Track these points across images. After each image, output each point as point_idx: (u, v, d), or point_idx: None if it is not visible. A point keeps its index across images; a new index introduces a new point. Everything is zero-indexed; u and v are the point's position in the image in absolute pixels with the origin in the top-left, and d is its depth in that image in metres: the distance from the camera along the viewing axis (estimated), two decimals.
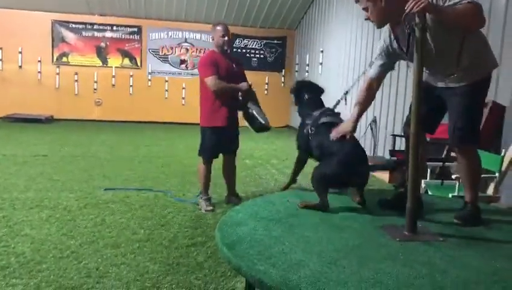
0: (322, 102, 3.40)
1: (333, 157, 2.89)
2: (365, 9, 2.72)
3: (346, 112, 3.28)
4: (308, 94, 3.37)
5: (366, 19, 2.77)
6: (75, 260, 3.30)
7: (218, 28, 4.57)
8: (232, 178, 4.99)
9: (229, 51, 4.77)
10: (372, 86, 2.95)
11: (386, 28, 2.83)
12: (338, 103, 3.17)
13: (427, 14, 2.43)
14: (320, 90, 3.47)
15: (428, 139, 3.19)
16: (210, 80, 4.45)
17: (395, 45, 2.78)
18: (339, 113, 3.20)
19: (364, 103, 2.99)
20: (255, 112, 4.57)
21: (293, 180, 3.50)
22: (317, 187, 2.90)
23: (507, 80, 4.73)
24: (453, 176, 3.96)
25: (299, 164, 3.45)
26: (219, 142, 4.66)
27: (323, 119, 3.08)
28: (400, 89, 7.05)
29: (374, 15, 2.70)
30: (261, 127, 4.63)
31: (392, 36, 2.78)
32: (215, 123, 4.59)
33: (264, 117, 4.61)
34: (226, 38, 4.54)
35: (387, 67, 2.92)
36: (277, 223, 2.66)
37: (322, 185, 2.88)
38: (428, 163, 4.15)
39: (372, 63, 3.01)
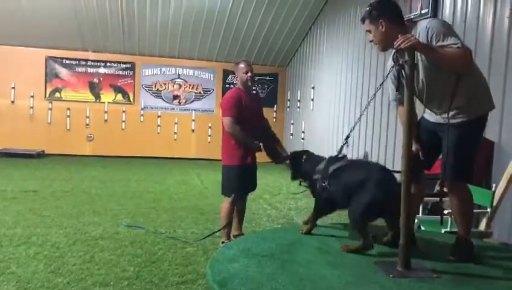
0: (321, 157, 3.22)
1: (365, 185, 2.73)
2: (368, 31, 2.82)
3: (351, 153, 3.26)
4: (305, 156, 3.27)
5: (370, 41, 2.86)
6: None
7: (241, 65, 4.61)
8: (243, 218, 4.84)
9: (253, 87, 4.80)
10: (402, 111, 2.96)
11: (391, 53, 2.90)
12: (341, 149, 3.09)
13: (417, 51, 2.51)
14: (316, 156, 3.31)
15: None
16: (227, 121, 4.43)
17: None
18: (345, 156, 3.07)
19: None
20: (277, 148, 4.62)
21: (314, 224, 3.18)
22: (359, 225, 2.75)
23: (494, 116, 4.81)
24: (446, 211, 3.96)
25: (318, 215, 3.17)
26: (244, 179, 4.55)
27: (333, 167, 2.94)
28: (391, 124, 7.13)
29: (376, 38, 2.80)
30: (279, 161, 4.67)
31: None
32: (234, 162, 4.51)
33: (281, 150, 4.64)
34: (250, 74, 4.55)
35: (400, 88, 2.92)
36: (270, 259, 2.63)
37: (364, 220, 2.73)
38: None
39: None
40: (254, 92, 4.75)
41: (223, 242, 4.42)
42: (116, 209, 6.18)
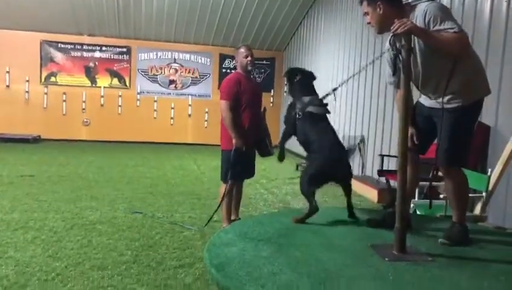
0: (313, 87, 3.45)
1: (314, 152, 3.10)
2: (366, 13, 2.80)
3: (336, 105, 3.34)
4: (299, 76, 3.42)
5: (368, 23, 2.84)
6: (61, 283, 3.24)
7: (241, 49, 4.58)
8: (239, 202, 4.86)
9: (252, 71, 4.78)
10: (398, 94, 2.96)
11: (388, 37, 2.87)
12: (327, 95, 3.27)
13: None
14: (312, 76, 3.52)
15: None
16: (223, 104, 4.42)
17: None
18: (326, 104, 3.28)
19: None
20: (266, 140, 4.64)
21: (282, 154, 3.47)
22: (306, 190, 3.06)
23: (491, 101, 4.82)
24: (441, 196, 3.99)
25: (284, 138, 3.45)
26: (242, 164, 4.50)
27: (310, 108, 3.17)
28: (388, 109, 7.13)
29: (373, 20, 2.78)
30: (264, 155, 4.69)
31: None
32: (232, 146, 4.43)
33: (269, 145, 4.66)
34: (250, 58, 4.53)
35: (396, 72, 2.91)
36: (266, 243, 2.64)
37: (310, 186, 3.05)
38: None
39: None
40: (252, 77, 4.68)
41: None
42: (113, 194, 6.19)
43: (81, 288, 3.16)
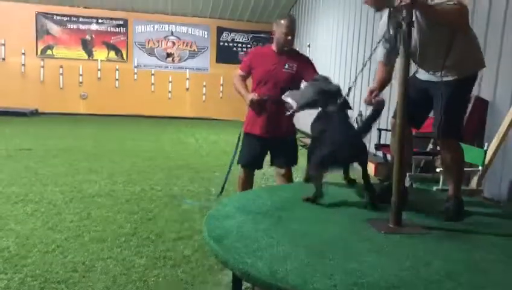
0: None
1: (324, 138, 2.90)
2: None
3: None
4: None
5: (365, 2, 2.81)
6: (61, 255, 3.28)
7: (283, 22, 3.75)
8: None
9: (286, 49, 3.82)
10: (383, 69, 2.96)
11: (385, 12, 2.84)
12: (349, 91, 3.18)
13: (415, 9, 2.47)
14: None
15: (414, 133, 3.22)
16: (235, 73, 4.02)
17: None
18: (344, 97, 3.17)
19: (379, 84, 3.02)
20: None
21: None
22: (313, 176, 2.94)
23: (490, 76, 4.80)
24: (438, 169, 4.02)
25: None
26: (256, 151, 4.00)
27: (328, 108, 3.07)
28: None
29: (370, 1, 2.74)
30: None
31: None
32: (253, 130, 3.93)
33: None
34: (290, 37, 3.74)
35: (391, 49, 2.89)
36: (264, 216, 2.67)
37: (319, 170, 2.89)
38: (413, 156, 4.20)
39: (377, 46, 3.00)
40: (287, 66, 3.80)
41: None
42: (112, 168, 6.21)
43: (81, 260, 3.20)
